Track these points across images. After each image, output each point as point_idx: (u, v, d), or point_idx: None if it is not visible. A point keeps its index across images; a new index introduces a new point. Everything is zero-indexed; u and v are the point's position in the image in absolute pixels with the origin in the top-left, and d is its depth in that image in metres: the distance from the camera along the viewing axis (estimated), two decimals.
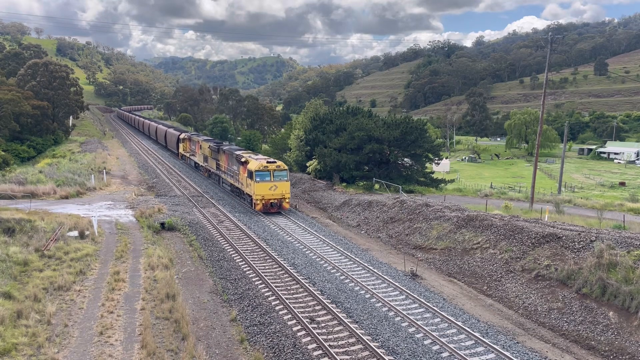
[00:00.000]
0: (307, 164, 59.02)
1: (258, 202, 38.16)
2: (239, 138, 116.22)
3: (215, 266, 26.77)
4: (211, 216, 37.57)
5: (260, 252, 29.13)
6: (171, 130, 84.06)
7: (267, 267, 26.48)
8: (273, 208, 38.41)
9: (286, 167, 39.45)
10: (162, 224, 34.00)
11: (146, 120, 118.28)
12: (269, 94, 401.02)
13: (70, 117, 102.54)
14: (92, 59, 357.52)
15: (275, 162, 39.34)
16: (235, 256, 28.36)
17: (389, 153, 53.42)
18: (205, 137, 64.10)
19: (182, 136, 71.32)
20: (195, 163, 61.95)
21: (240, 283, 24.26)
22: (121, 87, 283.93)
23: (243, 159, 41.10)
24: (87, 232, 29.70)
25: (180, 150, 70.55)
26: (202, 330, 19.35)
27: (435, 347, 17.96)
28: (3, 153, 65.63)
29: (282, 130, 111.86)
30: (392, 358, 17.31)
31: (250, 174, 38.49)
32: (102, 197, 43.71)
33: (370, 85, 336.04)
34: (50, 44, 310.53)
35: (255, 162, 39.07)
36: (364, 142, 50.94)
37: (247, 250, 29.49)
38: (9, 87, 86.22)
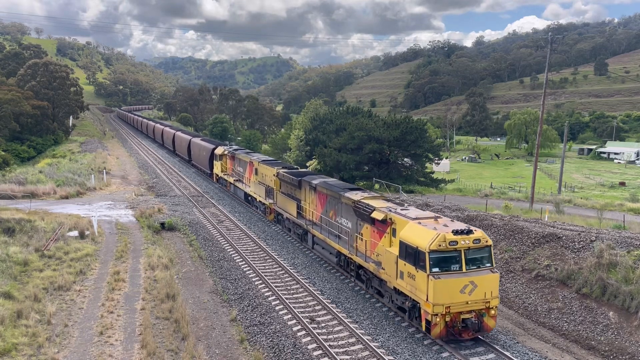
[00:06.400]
0: (307, 164, 59.07)
1: (438, 319, 17.67)
2: (239, 138, 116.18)
3: (215, 266, 26.79)
4: (211, 216, 37.57)
5: (260, 252, 29.14)
6: (197, 140, 62.72)
7: (267, 267, 26.49)
8: (467, 331, 18.04)
9: (490, 241, 18.81)
10: (162, 224, 34.03)
11: (158, 125, 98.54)
12: (269, 94, 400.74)
13: (70, 117, 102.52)
14: (92, 59, 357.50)
15: (470, 230, 18.58)
16: (235, 256, 28.38)
17: (389, 153, 53.49)
18: (265, 158, 42.54)
19: (219, 151, 50.52)
20: (247, 195, 41.78)
21: (240, 283, 24.29)
22: (121, 87, 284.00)
23: (381, 216, 20.95)
24: (87, 232, 29.71)
25: (217, 170, 51.22)
26: (202, 330, 19.36)
27: (435, 347, 17.97)
28: (3, 153, 65.66)
29: (282, 130, 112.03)
30: (392, 358, 17.32)
31: (416, 257, 18.30)
32: (102, 197, 43.72)
33: (370, 85, 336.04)
34: (50, 44, 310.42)
35: (421, 228, 18.85)
36: (364, 142, 50.99)
37: (247, 250, 29.50)
38: (9, 87, 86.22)
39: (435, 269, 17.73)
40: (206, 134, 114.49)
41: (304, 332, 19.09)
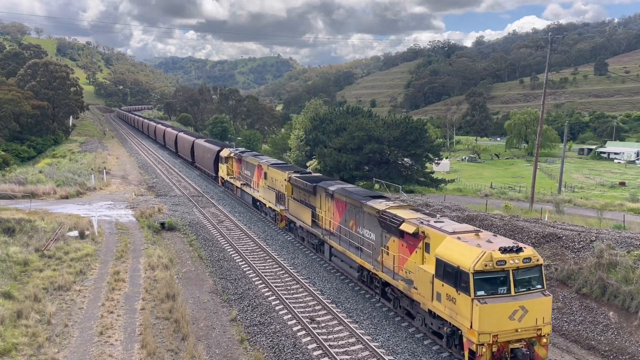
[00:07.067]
0: (307, 164, 59.08)
1: (484, 349, 15.50)
2: (239, 138, 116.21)
3: (215, 266, 26.80)
4: (211, 216, 37.57)
5: (260, 252, 29.15)
6: (201, 142, 60.09)
7: (267, 267, 26.49)
8: None
9: (541, 260, 16.66)
10: (162, 224, 34.03)
11: (159, 125, 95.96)
12: (269, 94, 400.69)
13: (70, 117, 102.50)
14: (92, 59, 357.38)
15: (519, 248, 16.34)
16: (235, 256, 28.38)
17: (389, 153, 53.54)
18: (275, 161, 41.10)
19: (224, 153, 48.11)
20: (255, 200, 39.79)
21: (240, 283, 24.29)
22: (121, 87, 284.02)
23: (412, 229, 18.97)
24: (87, 232, 29.71)
25: (222, 173, 48.96)
26: (202, 330, 19.37)
27: (435, 347, 17.97)
28: (3, 153, 65.68)
29: (282, 130, 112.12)
30: (392, 358, 17.32)
31: (457, 277, 16.18)
32: (102, 197, 43.72)
33: (370, 85, 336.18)
34: (50, 44, 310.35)
35: (462, 244, 16.72)
36: (364, 142, 51.03)
37: (247, 250, 29.50)
38: (9, 87, 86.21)
39: (481, 292, 15.50)
40: (206, 133, 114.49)
41: (304, 332, 19.09)
